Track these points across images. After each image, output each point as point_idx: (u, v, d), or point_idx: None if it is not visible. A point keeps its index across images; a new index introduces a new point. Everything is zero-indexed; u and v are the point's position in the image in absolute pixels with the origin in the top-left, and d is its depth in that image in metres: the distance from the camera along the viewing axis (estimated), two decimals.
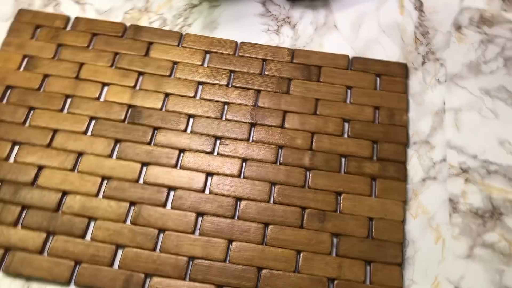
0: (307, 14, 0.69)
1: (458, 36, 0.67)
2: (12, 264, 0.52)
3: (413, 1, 0.70)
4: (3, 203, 0.55)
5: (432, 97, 0.63)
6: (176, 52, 0.65)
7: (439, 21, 0.68)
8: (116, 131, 0.59)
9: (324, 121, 0.60)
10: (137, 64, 0.64)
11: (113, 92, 0.62)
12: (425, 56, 0.66)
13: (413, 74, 0.64)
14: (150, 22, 0.68)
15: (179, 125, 0.60)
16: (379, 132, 0.59)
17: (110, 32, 0.66)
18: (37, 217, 0.54)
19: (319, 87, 0.62)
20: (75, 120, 0.60)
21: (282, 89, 0.62)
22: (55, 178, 0.56)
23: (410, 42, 0.67)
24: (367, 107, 0.61)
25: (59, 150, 0.58)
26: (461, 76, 0.64)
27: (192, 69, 0.63)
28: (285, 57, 0.64)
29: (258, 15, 0.69)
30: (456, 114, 0.62)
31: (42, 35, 0.66)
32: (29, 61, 0.64)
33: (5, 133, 0.59)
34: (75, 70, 0.63)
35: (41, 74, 0.63)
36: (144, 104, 0.61)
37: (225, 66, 0.64)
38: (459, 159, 0.59)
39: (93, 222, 0.54)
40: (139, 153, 0.58)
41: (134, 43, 0.65)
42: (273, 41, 0.67)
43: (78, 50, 0.65)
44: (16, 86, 0.62)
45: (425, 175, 0.58)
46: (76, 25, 0.66)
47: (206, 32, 0.67)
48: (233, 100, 0.61)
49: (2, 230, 0.53)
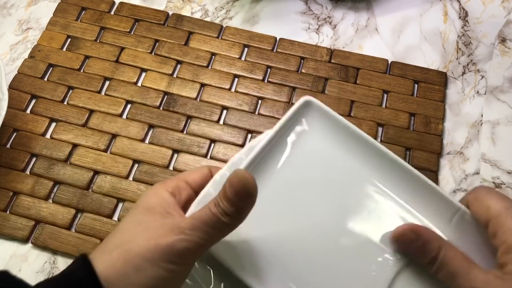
0: (349, 16, 0.68)
1: (501, 48, 0.66)
2: (41, 236, 0.53)
3: (458, 10, 0.69)
4: (37, 176, 0.56)
5: (470, 108, 0.62)
6: (215, 43, 0.65)
7: (483, 32, 0.67)
8: (151, 116, 0.60)
9: (358, 123, 0.59)
10: (176, 53, 0.64)
11: (151, 78, 0.63)
12: (465, 66, 0.65)
13: (452, 84, 0.63)
14: (192, 12, 0.69)
15: (212, 116, 0.60)
16: (413, 139, 0.58)
17: (152, 19, 0.67)
18: (68, 194, 0.55)
19: (356, 89, 0.62)
20: (112, 102, 0.61)
21: (317, 88, 0.62)
22: (88, 157, 0.57)
23: (451, 51, 0.66)
24: (403, 113, 0.60)
25: (94, 130, 0.59)
26: (502, 90, 0.63)
27: (229, 61, 0.64)
28: (324, 56, 0.64)
29: (299, 13, 0.69)
30: (493, 128, 0.60)
31: (87, 17, 0.67)
32: (72, 41, 0.66)
33: (44, 109, 0.61)
34: (116, 53, 0.64)
35: (83, 55, 0.64)
36: (180, 92, 0.62)
37: (263, 61, 0.64)
38: (493, 173, 0.58)
39: (121, 204, 0.55)
40: (171, 140, 0.58)
41: (175, 32, 0.66)
42: (313, 39, 0.67)
43: (120, 35, 0.66)
44: (58, 65, 0.64)
45: (457, 187, 0.57)
46: (120, 9, 0.68)
47: (247, 26, 0.67)
48: (268, 95, 0.61)
49: (34, 203, 0.55)
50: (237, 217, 0.32)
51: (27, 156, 0.57)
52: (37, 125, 0.59)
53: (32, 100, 0.62)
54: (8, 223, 0.53)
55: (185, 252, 0.31)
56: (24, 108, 0.61)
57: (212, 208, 0.31)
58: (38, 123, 0.60)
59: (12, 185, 0.56)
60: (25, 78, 0.63)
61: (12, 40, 0.67)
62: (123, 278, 0.31)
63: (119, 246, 0.32)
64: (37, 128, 0.59)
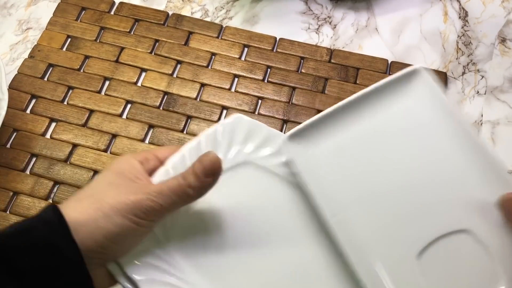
0: (349, 16, 0.68)
1: (501, 48, 0.66)
2: None
3: (458, 10, 0.69)
4: (37, 176, 0.56)
5: (469, 108, 0.62)
6: (215, 43, 0.65)
7: (483, 32, 0.67)
8: (151, 116, 0.60)
9: None
10: (176, 53, 0.64)
11: (151, 78, 0.63)
12: (465, 66, 0.65)
13: (452, 84, 0.63)
14: (192, 12, 0.69)
15: (212, 116, 0.60)
16: None
17: (152, 19, 0.67)
18: (68, 194, 0.55)
19: (355, 89, 0.62)
20: (112, 102, 0.61)
21: (317, 88, 0.62)
22: (88, 157, 0.57)
23: (451, 51, 0.66)
24: None
25: (94, 130, 0.59)
26: (502, 90, 0.63)
27: (229, 61, 0.64)
28: (323, 56, 0.64)
29: (299, 13, 0.69)
30: (493, 128, 0.60)
31: (87, 17, 0.67)
32: (72, 41, 0.66)
33: (44, 109, 0.61)
34: (116, 53, 0.64)
35: (83, 55, 0.64)
36: (180, 92, 0.62)
37: (263, 61, 0.64)
38: None
39: None
40: (171, 140, 0.58)
41: (175, 32, 0.66)
42: (313, 39, 0.67)
43: (120, 35, 0.66)
44: (58, 65, 0.64)
45: None
46: (120, 9, 0.68)
47: (247, 26, 0.67)
48: (268, 95, 0.61)
49: (34, 203, 0.55)
50: (199, 192, 0.36)
51: (27, 156, 0.57)
52: (37, 125, 0.59)
53: (32, 100, 0.62)
54: (8, 223, 0.53)
55: (150, 210, 0.35)
56: (24, 108, 0.61)
57: (181, 179, 0.36)
58: (38, 123, 0.60)
59: (12, 185, 0.56)
60: (25, 78, 0.63)
61: (12, 40, 0.67)
62: (91, 222, 0.34)
63: (90, 196, 0.36)
64: (37, 128, 0.59)
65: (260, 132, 0.42)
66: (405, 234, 0.38)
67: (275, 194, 0.41)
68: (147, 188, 0.36)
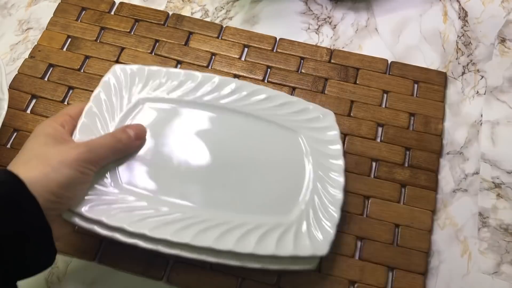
0: (349, 16, 0.69)
1: (501, 49, 0.66)
2: None
3: (457, 10, 0.69)
4: None
5: (469, 108, 0.62)
6: (215, 43, 0.65)
7: (483, 32, 0.67)
8: None
9: (358, 123, 0.59)
10: (176, 53, 0.64)
11: None
12: (465, 66, 0.65)
13: (452, 84, 0.63)
14: (192, 12, 0.69)
15: None
16: (413, 139, 0.59)
17: (152, 19, 0.67)
18: None
19: (355, 89, 0.62)
20: None
21: (317, 88, 0.62)
22: None
23: (451, 51, 0.66)
24: (403, 112, 0.60)
25: None
26: (502, 90, 0.63)
27: (229, 61, 0.64)
28: (323, 56, 0.64)
29: (299, 13, 0.69)
30: (493, 128, 0.60)
31: (87, 17, 0.67)
32: (72, 41, 0.66)
33: (44, 109, 0.61)
34: (116, 53, 0.64)
35: (83, 55, 0.64)
36: None
37: (263, 61, 0.64)
38: (492, 173, 0.58)
39: None
40: None
41: (175, 32, 0.66)
42: (312, 40, 0.67)
43: (120, 35, 0.66)
44: (58, 65, 0.64)
45: (456, 187, 0.57)
46: (120, 9, 0.68)
47: (247, 26, 0.68)
48: None
49: None
50: (127, 148, 0.48)
51: None
52: (37, 125, 0.59)
53: (32, 100, 0.62)
54: None
55: (90, 161, 0.43)
56: (25, 108, 0.61)
57: (111, 136, 0.47)
58: (38, 123, 0.59)
59: None
60: (25, 78, 0.63)
61: (13, 40, 0.67)
62: (44, 176, 0.40)
63: (34, 157, 0.42)
64: None
65: (142, 74, 0.54)
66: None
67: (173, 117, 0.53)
68: (86, 143, 0.45)
